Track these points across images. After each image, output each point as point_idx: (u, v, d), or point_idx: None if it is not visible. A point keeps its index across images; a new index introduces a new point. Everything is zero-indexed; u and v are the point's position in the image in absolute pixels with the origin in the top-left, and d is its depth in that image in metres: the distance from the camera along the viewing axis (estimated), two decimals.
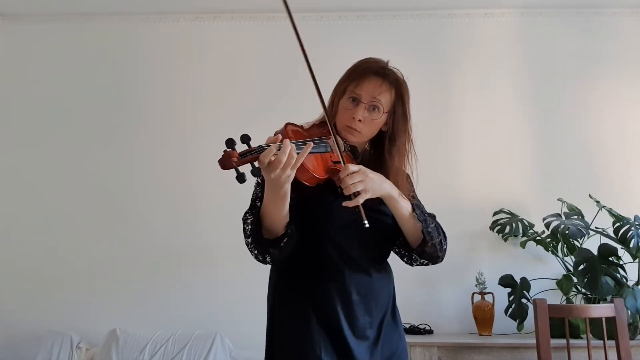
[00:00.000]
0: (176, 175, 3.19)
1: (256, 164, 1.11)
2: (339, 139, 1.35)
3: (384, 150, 1.42)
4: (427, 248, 1.38)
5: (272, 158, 1.12)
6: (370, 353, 1.32)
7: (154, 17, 3.37)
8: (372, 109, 1.38)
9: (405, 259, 1.47)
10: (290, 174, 1.16)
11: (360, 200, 1.24)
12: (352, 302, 1.32)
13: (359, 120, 1.37)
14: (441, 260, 1.43)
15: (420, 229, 1.36)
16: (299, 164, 1.16)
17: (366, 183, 1.26)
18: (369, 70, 1.40)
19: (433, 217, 1.47)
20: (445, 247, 1.42)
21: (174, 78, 3.32)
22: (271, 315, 1.39)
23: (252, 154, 1.11)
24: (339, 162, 1.31)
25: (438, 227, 1.43)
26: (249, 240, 1.30)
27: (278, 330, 1.35)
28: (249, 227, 1.29)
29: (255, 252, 1.30)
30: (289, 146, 1.13)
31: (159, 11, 3.35)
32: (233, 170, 1.08)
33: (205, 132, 3.20)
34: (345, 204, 1.25)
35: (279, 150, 1.13)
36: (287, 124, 1.32)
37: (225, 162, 1.07)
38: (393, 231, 1.42)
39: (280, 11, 3.51)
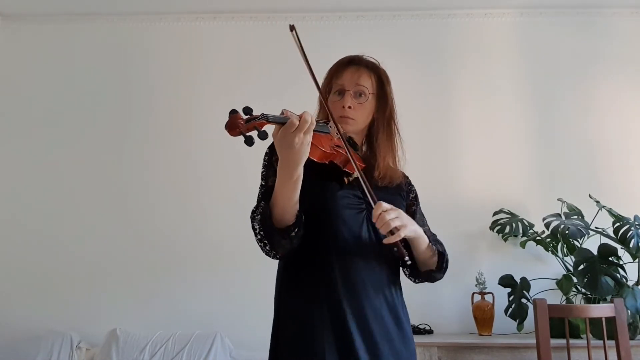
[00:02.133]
0: (178, 176, 3.19)
1: (263, 128, 1.12)
2: (338, 125, 1.36)
3: (374, 138, 1.47)
4: (434, 277, 1.44)
5: (297, 121, 1.14)
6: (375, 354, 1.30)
7: (153, 17, 3.37)
8: (358, 95, 1.43)
9: (409, 277, 1.49)
10: (309, 141, 1.18)
11: (402, 234, 1.25)
12: (360, 297, 1.30)
13: (349, 107, 1.41)
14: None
15: (435, 261, 1.41)
16: (310, 135, 1.17)
17: (402, 219, 1.27)
18: (344, 62, 1.48)
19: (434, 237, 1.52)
20: (443, 275, 1.47)
21: (174, 78, 3.32)
22: (277, 312, 1.38)
23: (257, 120, 1.13)
24: (341, 147, 1.33)
25: (445, 252, 1.47)
26: (259, 235, 1.28)
27: (283, 327, 1.35)
28: (258, 219, 1.28)
29: (267, 246, 1.28)
30: (309, 113, 1.17)
31: (159, 11, 3.35)
32: (241, 137, 1.10)
33: (207, 132, 3.20)
34: (386, 241, 1.24)
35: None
36: (284, 110, 1.33)
37: (232, 125, 1.10)
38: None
39: (280, 11, 3.53)
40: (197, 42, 3.38)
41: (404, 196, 1.50)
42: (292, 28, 1.35)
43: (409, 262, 1.27)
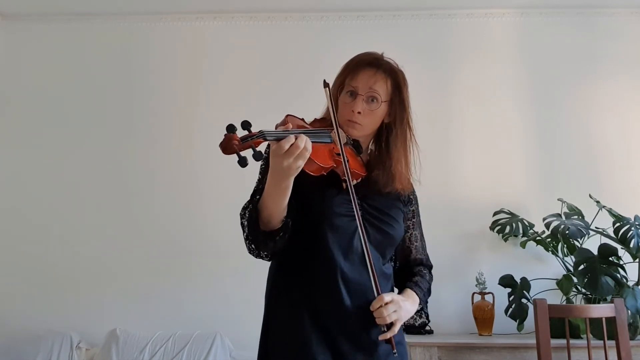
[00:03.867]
0: (179, 176, 3.19)
1: (258, 148, 1.11)
2: (341, 131, 1.34)
3: (385, 142, 1.43)
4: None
5: (288, 145, 1.13)
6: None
7: (154, 17, 3.37)
8: (370, 100, 1.38)
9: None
10: (302, 165, 1.16)
11: (396, 330, 1.26)
12: (345, 303, 1.30)
13: (359, 113, 1.37)
14: None
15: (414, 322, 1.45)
16: (307, 155, 1.16)
17: (399, 313, 1.28)
18: (363, 63, 1.42)
19: (429, 276, 1.54)
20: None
21: (174, 78, 3.32)
22: (267, 313, 1.39)
23: (254, 139, 1.11)
24: (340, 155, 1.31)
25: (427, 295, 1.50)
26: (246, 233, 1.29)
27: (272, 329, 1.35)
28: (246, 220, 1.29)
29: (252, 246, 1.30)
30: (304, 137, 1.15)
31: (159, 11, 3.35)
32: (235, 155, 1.08)
33: (209, 132, 3.20)
34: (382, 337, 1.26)
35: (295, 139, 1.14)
36: (288, 115, 1.33)
37: (226, 146, 1.07)
38: (396, 240, 1.43)
39: (280, 11, 3.52)
40: (198, 42, 3.37)
41: (405, 202, 1.48)
42: (326, 84, 1.32)
43: (396, 356, 1.28)
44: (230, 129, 1.09)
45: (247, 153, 1.09)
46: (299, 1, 3.29)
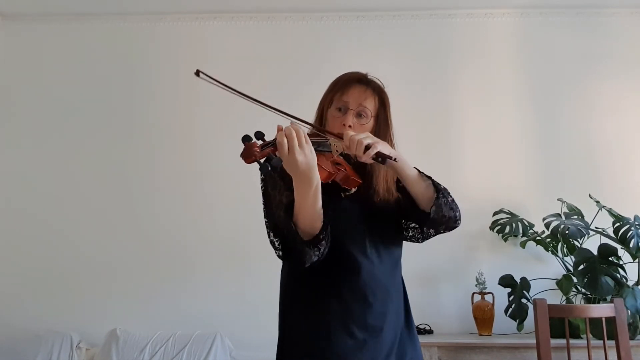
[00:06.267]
0: (180, 176, 3.19)
1: (277, 154, 1.16)
2: (336, 140, 1.35)
3: None
4: (443, 205, 1.39)
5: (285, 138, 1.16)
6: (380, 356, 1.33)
7: (154, 17, 3.37)
8: (360, 116, 1.43)
9: (419, 235, 1.47)
10: (312, 150, 1.18)
11: (378, 147, 1.25)
12: (367, 301, 1.33)
13: (349, 127, 1.40)
14: (459, 223, 1.45)
15: (431, 185, 1.39)
16: (308, 143, 1.19)
17: (372, 137, 1.28)
18: (353, 80, 1.46)
19: None
20: (458, 209, 1.44)
21: (174, 78, 3.32)
22: (283, 314, 1.41)
23: (271, 146, 1.17)
24: (339, 164, 1.33)
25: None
26: (283, 254, 1.32)
27: (289, 328, 1.37)
28: (281, 237, 1.30)
29: (297, 260, 1.29)
30: (296, 127, 1.19)
31: (159, 11, 3.35)
32: (255, 163, 1.13)
33: (209, 133, 3.20)
34: (363, 159, 1.25)
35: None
36: (280, 126, 1.34)
37: (249, 153, 1.12)
38: (399, 214, 1.45)
39: (280, 11, 3.52)
40: (198, 42, 3.38)
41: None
42: (197, 73, 1.37)
43: (395, 160, 1.26)
44: (247, 138, 1.14)
45: (267, 163, 1.14)
46: (299, 1, 3.29)
